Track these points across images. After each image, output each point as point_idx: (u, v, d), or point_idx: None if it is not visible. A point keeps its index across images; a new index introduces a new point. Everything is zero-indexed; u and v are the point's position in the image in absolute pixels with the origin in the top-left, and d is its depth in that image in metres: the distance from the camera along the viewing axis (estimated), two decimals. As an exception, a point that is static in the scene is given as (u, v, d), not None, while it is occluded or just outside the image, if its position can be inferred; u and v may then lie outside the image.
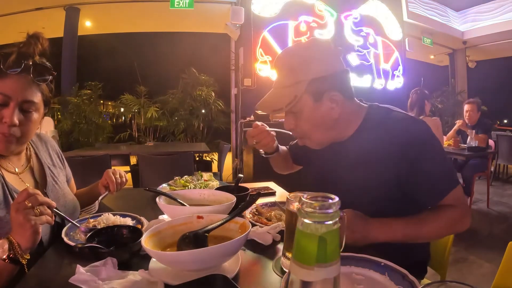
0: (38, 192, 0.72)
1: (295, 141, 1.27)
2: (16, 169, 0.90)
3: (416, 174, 0.87)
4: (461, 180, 3.52)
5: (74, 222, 0.89)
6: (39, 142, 1.06)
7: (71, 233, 0.89)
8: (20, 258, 0.69)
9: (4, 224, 0.78)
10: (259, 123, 1.18)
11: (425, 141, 0.88)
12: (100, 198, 1.09)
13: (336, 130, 0.95)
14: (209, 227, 0.73)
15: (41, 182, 0.96)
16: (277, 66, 0.95)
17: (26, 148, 0.97)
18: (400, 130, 0.89)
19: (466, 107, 3.85)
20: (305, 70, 0.88)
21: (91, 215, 1.01)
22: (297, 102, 0.89)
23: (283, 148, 1.31)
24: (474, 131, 3.56)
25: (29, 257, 0.70)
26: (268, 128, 1.18)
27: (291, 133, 1.01)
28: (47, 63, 0.86)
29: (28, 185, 0.91)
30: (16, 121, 0.79)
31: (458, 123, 3.89)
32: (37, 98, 0.84)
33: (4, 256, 0.67)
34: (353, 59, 5.30)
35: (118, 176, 1.10)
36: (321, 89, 0.88)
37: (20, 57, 0.79)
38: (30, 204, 0.70)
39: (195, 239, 0.71)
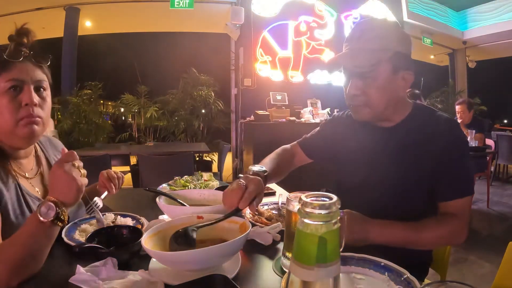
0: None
1: (310, 134, 1.24)
2: (26, 174, 0.90)
3: (445, 169, 0.91)
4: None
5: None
6: (49, 145, 1.05)
7: (71, 233, 0.89)
8: (63, 216, 0.70)
9: (19, 222, 0.79)
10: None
11: (462, 146, 0.95)
12: (102, 196, 1.09)
13: (392, 109, 0.98)
14: (200, 224, 0.74)
15: None
16: (366, 29, 0.94)
17: (36, 152, 0.97)
18: (444, 130, 0.93)
19: (456, 108, 3.85)
20: (393, 41, 0.92)
21: (92, 214, 1.01)
22: (377, 67, 0.91)
23: (273, 166, 1.06)
24: (474, 131, 3.55)
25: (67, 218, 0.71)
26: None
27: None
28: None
29: (37, 190, 0.91)
30: (36, 100, 0.82)
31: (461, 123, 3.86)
32: (45, 78, 0.87)
33: (52, 217, 0.68)
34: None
35: (112, 175, 1.12)
36: (400, 64, 0.92)
37: (18, 46, 0.82)
38: (77, 164, 0.73)
39: (185, 236, 0.71)
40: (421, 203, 0.95)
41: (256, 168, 0.94)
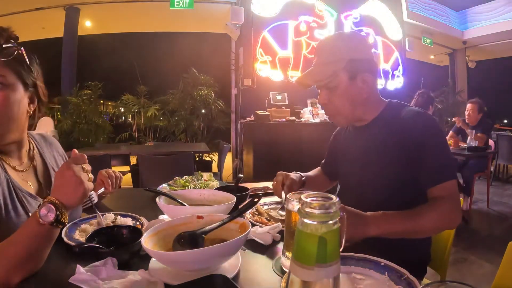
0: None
1: (324, 160, 1.38)
2: (17, 167, 0.89)
3: (422, 158, 0.95)
4: (461, 180, 3.53)
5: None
6: (43, 143, 1.05)
7: (71, 233, 0.89)
8: (63, 218, 0.68)
9: (10, 217, 0.78)
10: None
11: (434, 134, 0.99)
12: (99, 192, 1.09)
13: (361, 110, 1.07)
14: (206, 228, 0.73)
15: (45, 183, 0.96)
16: (320, 47, 1.07)
17: (29, 147, 0.97)
18: (414, 122, 0.99)
19: (467, 106, 3.86)
20: (345, 51, 1.01)
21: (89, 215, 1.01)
22: (335, 78, 1.01)
23: (311, 174, 1.36)
24: (474, 131, 3.55)
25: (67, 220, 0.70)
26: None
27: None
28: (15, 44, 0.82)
29: (30, 184, 0.90)
30: None
31: (457, 121, 3.87)
32: (5, 73, 0.80)
33: (52, 219, 0.66)
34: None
35: (111, 174, 1.13)
36: (356, 70, 1.01)
37: None
38: (85, 168, 0.72)
39: (190, 239, 0.71)
40: (410, 193, 0.98)
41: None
